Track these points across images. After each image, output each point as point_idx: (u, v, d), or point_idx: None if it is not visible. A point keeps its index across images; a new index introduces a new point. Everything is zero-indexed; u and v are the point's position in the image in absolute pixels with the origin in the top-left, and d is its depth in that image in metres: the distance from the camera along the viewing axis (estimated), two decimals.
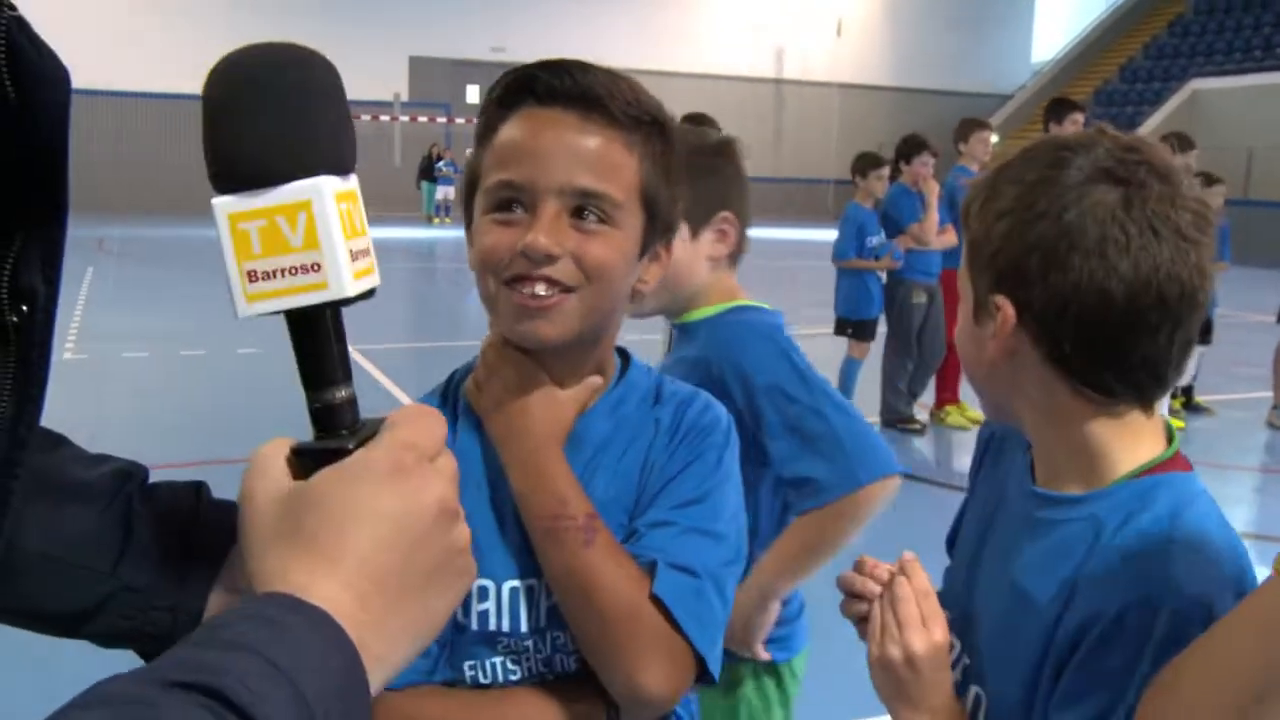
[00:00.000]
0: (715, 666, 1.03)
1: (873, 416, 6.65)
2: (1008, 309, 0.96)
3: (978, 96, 27.42)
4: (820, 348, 8.64)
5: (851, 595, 1.11)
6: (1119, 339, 0.93)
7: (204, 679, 0.46)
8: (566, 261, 1.01)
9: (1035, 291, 0.94)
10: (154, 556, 0.84)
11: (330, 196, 0.58)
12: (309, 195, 0.57)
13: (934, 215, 6.34)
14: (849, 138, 25.64)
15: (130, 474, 0.88)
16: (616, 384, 1.14)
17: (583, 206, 1.02)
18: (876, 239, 6.41)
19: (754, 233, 1.78)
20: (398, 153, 23.42)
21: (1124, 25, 29.54)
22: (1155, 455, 0.98)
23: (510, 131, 1.05)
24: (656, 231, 1.10)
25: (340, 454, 0.58)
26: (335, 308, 0.60)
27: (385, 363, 7.89)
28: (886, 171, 6.46)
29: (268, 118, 0.58)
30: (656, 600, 1.00)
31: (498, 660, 1.08)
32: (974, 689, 1.05)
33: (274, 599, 0.53)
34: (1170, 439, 1.01)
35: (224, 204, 0.57)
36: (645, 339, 2.71)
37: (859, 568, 1.11)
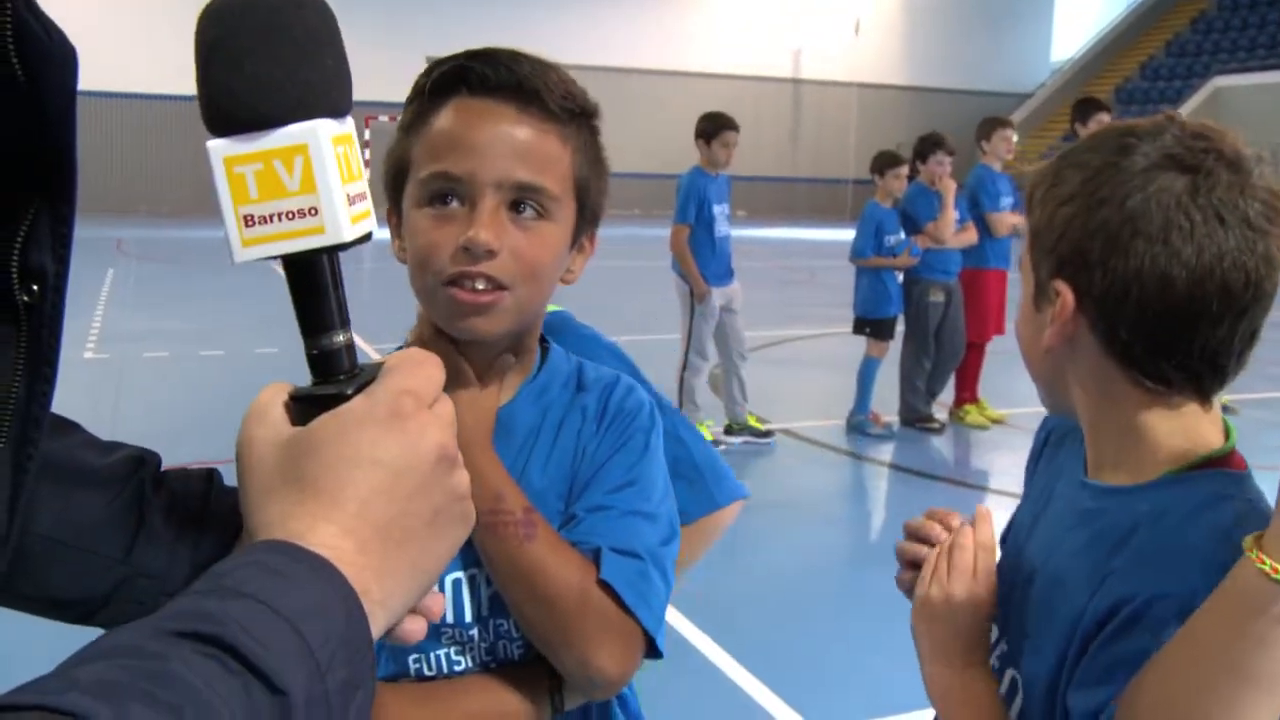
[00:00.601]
0: (662, 642, 1.05)
1: (891, 415, 6.64)
2: (1067, 294, 0.95)
3: (997, 95, 27.29)
4: (839, 347, 8.65)
5: (913, 541, 1.11)
6: (1179, 327, 0.92)
7: (207, 628, 0.46)
8: (505, 257, 1.01)
9: (1095, 276, 0.93)
10: (167, 543, 0.84)
11: (327, 140, 0.57)
12: (306, 139, 0.56)
13: (950, 214, 6.32)
14: (867, 138, 25.55)
15: (143, 461, 0.88)
16: (539, 370, 1.15)
17: (520, 200, 1.03)
18: (895, 237, 6.39)
19: (773, 233, 1.77)
20: None
21: (1145, 22, 29.32)
22: (1209, 450, 0.97)
23: (444, 122, 1.04)
24: (585, 222, 1.11)
25: (339, 400, 0.58)
26: (333, 252, 0.59)
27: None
28: (904, 170, 6.43)
29: (262, 59, 0.56)
30: (604, 585, 1.02)
31: (442, 652, 1.09)
32: (1010, 673, 1.05)
33: (274, 546, 0.53)
34: (1227, 434, 0.99)
35: (219, 147, 0.56)
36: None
37: (929, 516, 1.11)
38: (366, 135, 23.73)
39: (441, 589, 1.07)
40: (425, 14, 23.75)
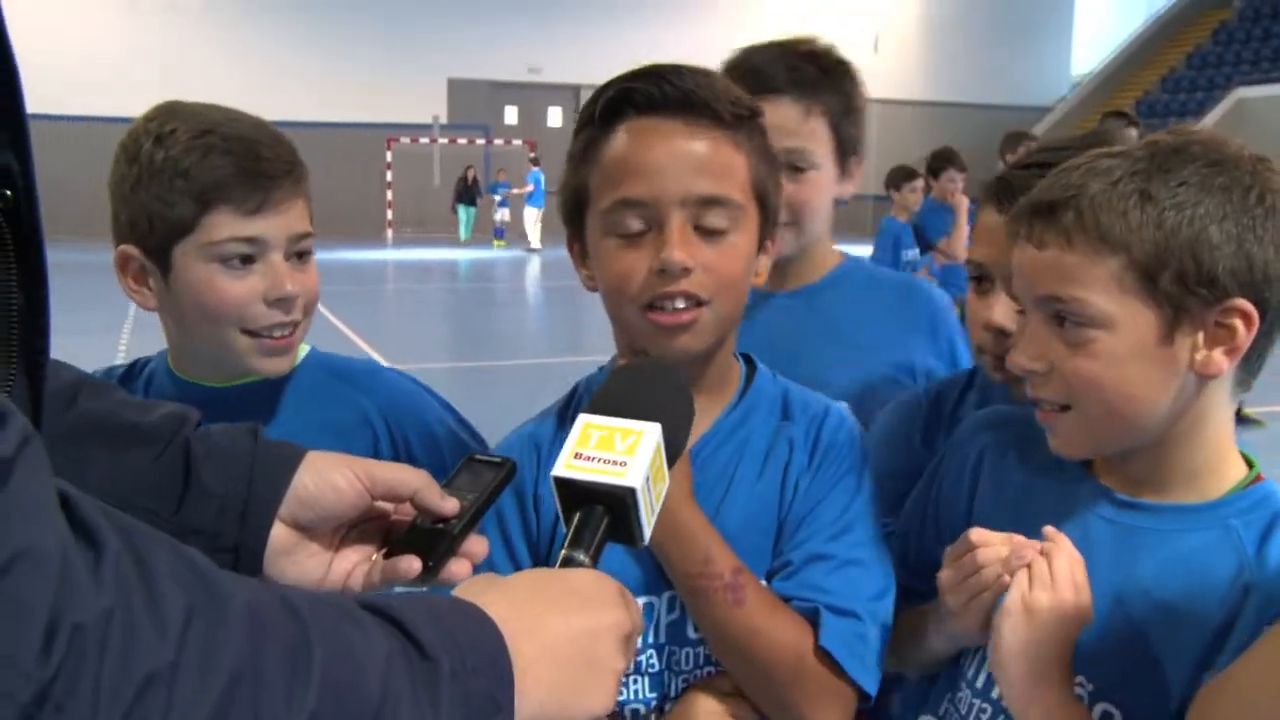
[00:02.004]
0: (875, 691, 1.04)
1: None
2: (1252, 312, 0.92)
3: (1017, 110, 27.12)
4: None
5: (972, 568, 0.98)
6: None
7: (384, 606, 0.58)
8: (699, 273, 1.01)
9: (1277, 288, 0.92)
10: (215, 497, 0.85)
11: (656, 437, 0.81)
12: (645, 430, 0.81)
13: (963, 230, 6.32)
14: (888, 153, 25.31)
15: (185, 418, 0.89)
16: (742, 396, 1.13)
17: (707, 214, 1.02)
18: (912, 252, 6.39)
19: None
20: (437, 174, 23.59)
21: (1166, 34, 29.12)
22: (1248, 465, 1.00)
23: (618, 147, 1.04)
24: (768, 223, 1.10)
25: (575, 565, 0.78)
26: (611, 513, 0.79)
27: (422, 379, 7.90)
28: (920, 184, 6.47)
29: (647, 391, 0.87)
30: (822, 650, 1.00)
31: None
32: (1101, 706, 0.99)
33: (457, 599, 0.64)
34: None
35: (588, 417, 0.83)
36: None
37: (975, 542, 0.99)
38: (388, 157, 23.88)
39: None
40: (446, 37, 23.85)
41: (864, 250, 6.74)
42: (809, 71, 1.55)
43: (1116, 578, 0.98)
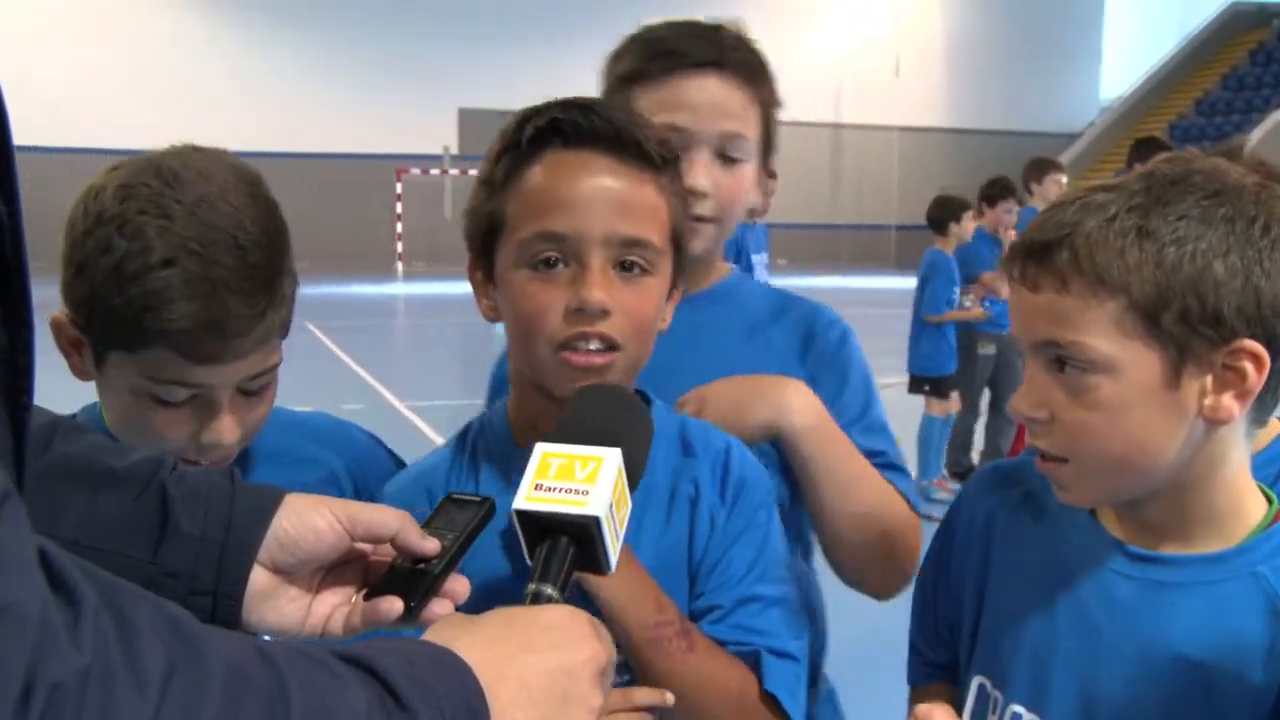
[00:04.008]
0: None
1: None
2: (1262, 353, 0.90)
3: (1044, 136, 26.71)
4: (888, 398, 8.11)
5: None
6: None
7: (360, 656, 0.60)
8: (617, 316, 1.01)
9: None
10: (192, 540, 0.85)
11: (616, 463, 0.85)
12: (605, 456, 0.86)
13: None
14: (910, 181, 25.24)
15: (161, 461, 0.89)
16: None
17: (627, 256, 1.02)
18: (959, 289, 6.08)
19: (815, 281, 1.42)
20: (448, 206, 23.40)
21: (1201, 56, 28.73)
22: (1267, 503, 0.98)
23: (541, 178, 1.03)
24: (680, 270, 1.11)
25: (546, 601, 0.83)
26: (577, 543, 0.81)
27: (433, 418, 7.66)
28: (972, 214, 6.19)
29: (604, 415, 0.92)
30: (766, 694, 1.03)
31: None
32: None
33: (432, 645, 0.67)
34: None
35: (545, 446, 0.87)
36: None
37: None
38: (398, 189, 23.82)
39: None
40: (457, 67, 23.85)
41: (889, 281, 6.40)
42: (747, 56, 1.40)
43: (1144, 639, 0.96)
